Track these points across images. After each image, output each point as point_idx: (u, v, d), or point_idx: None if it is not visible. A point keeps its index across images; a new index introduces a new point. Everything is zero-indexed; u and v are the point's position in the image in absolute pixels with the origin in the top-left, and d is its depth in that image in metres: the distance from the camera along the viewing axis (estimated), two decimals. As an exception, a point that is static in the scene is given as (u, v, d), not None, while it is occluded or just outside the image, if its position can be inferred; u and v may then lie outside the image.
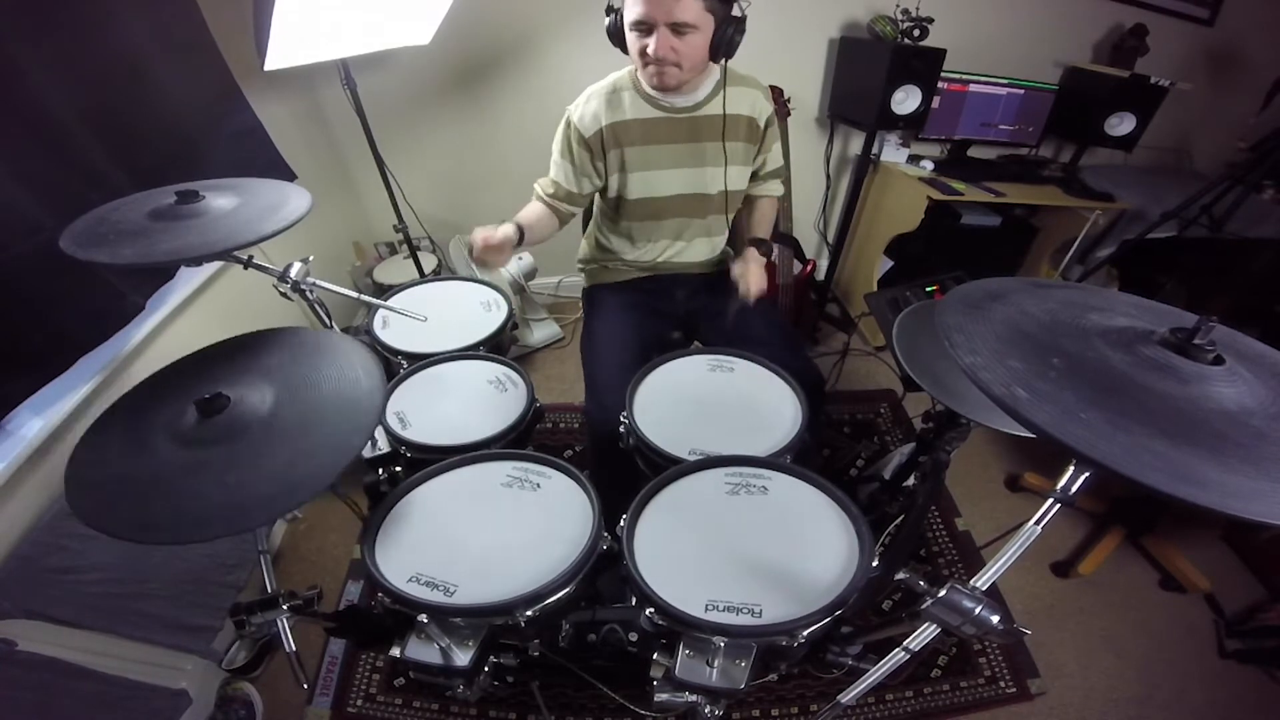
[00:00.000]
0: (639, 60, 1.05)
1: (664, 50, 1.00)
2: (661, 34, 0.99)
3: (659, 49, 1.00)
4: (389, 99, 1.93)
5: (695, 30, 1.00)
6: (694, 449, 0.97)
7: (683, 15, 0.97)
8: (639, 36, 1.02)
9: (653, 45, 1.00)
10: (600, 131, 1.17)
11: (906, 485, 1.41)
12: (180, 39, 1.36)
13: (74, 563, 1.03)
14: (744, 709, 1.30)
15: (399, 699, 1.30)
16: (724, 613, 0.74)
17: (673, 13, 0.96)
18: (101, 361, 1.16)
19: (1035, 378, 0.52)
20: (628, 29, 1.02)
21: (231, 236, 0.83)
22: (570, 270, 1.48)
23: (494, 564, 0.83)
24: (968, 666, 1.39)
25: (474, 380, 1.18)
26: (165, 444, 0.67)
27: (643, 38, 1.01)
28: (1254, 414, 0.50)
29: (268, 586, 0.75)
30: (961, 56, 1.92)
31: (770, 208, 1.42)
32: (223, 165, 1.45)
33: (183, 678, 1.11)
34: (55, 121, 1.06)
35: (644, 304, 1.38)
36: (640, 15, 0.97)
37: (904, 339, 1.07)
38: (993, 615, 0.57)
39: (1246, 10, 2.13)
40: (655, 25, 0.98)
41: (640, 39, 1.01)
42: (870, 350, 2.35)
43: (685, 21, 0.98)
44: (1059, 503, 0.54)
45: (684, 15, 0.97)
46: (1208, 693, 1.38)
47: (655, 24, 0.98)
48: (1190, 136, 2.45)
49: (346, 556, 1.57)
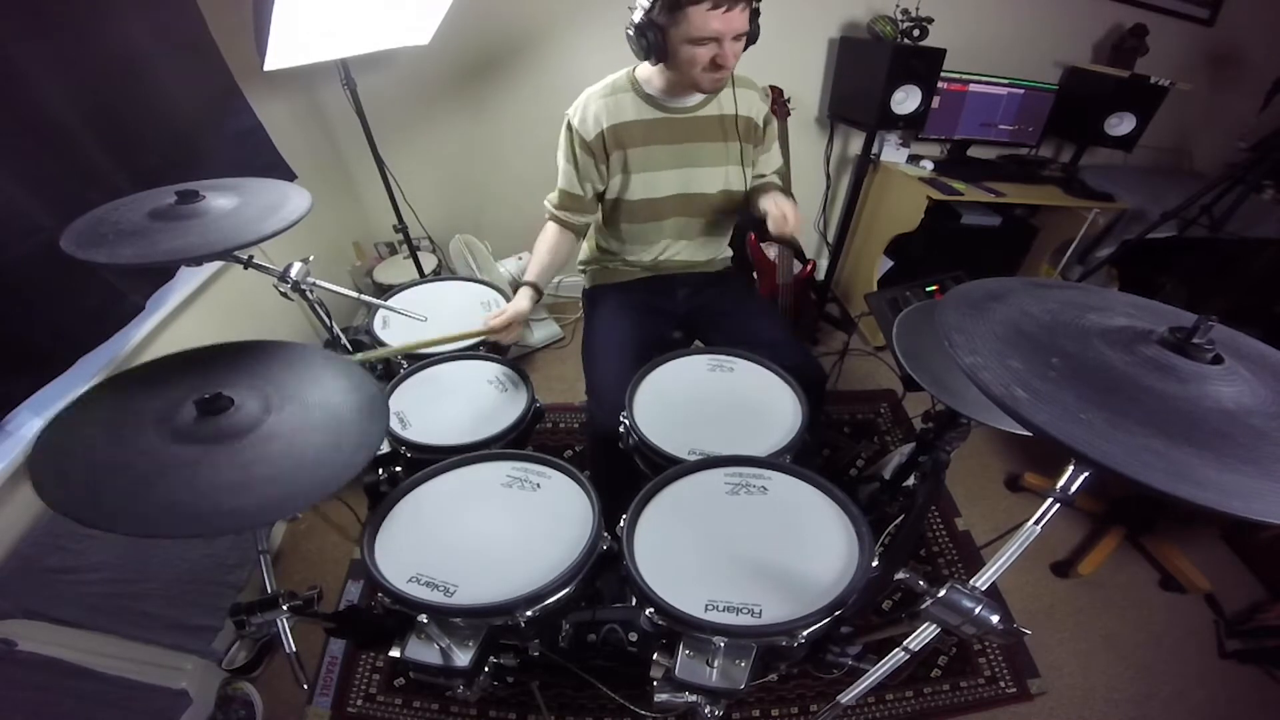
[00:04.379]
0: (699, 68, 1.07)
1: (731, 59, 1.06)
2: (730, 45, 1.04)
3: (732, 59, 1.06)
4: (389, 99, 1.93)
5: (744, 36, 1.06)
6: (694, 449, 0.97)
7: (743, 26, 1.04)
8: (705, 48, 1.05)
9: (725, 56, 1.05)
10: (602, 134, 1.18)
11: (906, 485, 1.41)
12: (180, 39, 1.36)
13: (74, 563, 1.03)
14: (744, 709, 1.30)
15: (399, 699, 1.30)
16: (724, 613, 0.74)
17: (738, 25, 1.03)
18: (101, 361, 1.16)
19: (1035, 378, 0.52)
20: (688, 42, 1.04)
21: (231, 236, 0.84)
22: (570, 270, 1.48)
23: (494, 564, 0.83)
24: (968, 666, 1.39)
25: (474, 380, 1.18)
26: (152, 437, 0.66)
27: (709, 49, 1.05)
28: (1254, 413, 0.50)
29: (268, 586, 0.75)
30: (961, 56, 1.92)
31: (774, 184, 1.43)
32: (223, 165, 1.45)
33: (183, 678, 1.11)
34: (55, 121, 1.06)
35: (645, 304, 1.38)
36: (716, 31, 1.02)
37: (904, 339, 1.07)
38: (993, 615, 0.57)
39: (1246, 10, 2.13)
40: (724, 38, 1.03)
41: (707, 50, 1.05)
42: (870, 350, 2.35)
43: (744, 31, 1.05)
44: (1059, 502, 0.54)
45: (743, 26, 1.04)
46: (1208, 693, 1.38)
47: (724, 37, 1.03)
48: (1190, 136, 2.45)
49: (346, 556, 1.57)
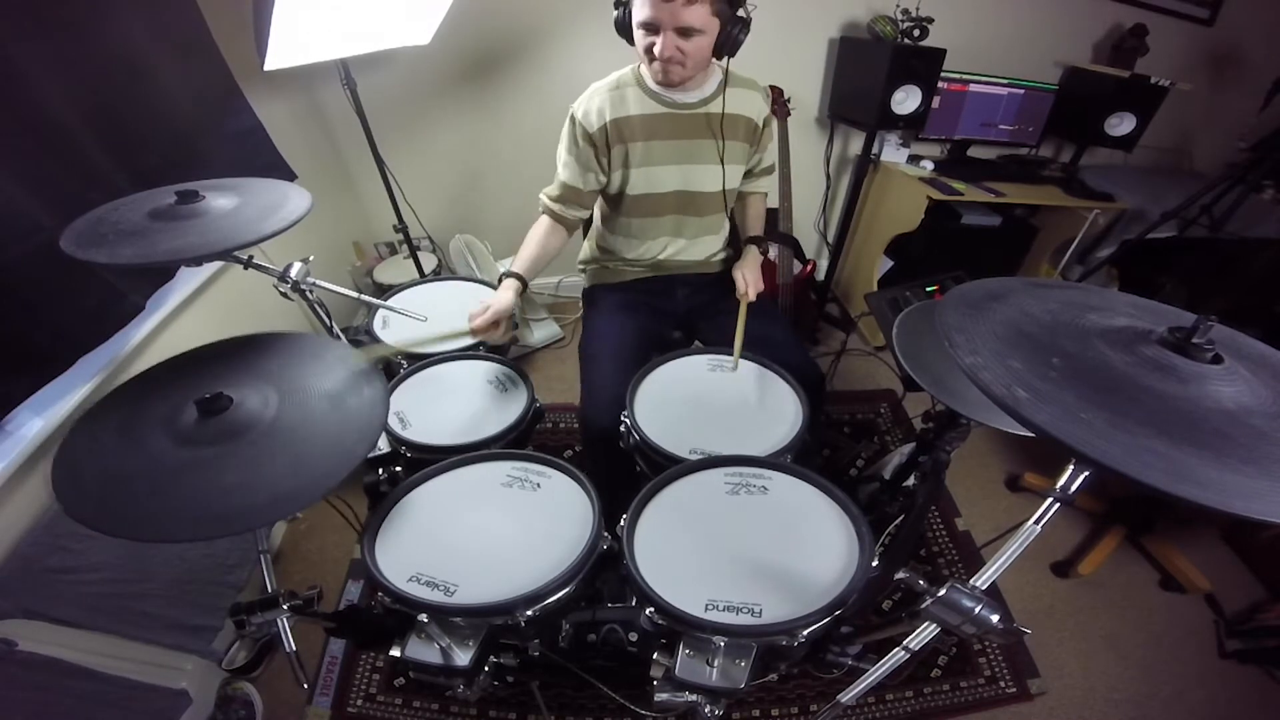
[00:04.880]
0: (645, 56, 1.07)
1: (669, 52, 1.03)
2: (667, 37, 1.02)
3: (664, 50, 1.03)
4: (389, 99, 1.93)
5: (701, 34, 1.02)
6: (694, 449, 0.97)
7: (689, 20, 0.99)
8: (646, 34, 1.04)
9: (659, 46, 1.03)
10: (605, 127, 1.18)
11: (906, 485, 1.41)
12: (180, 39, 1.36)
13: (74, 563, 1.03)
14: (744, 709, 1.30)
15: (399, 699, 1.30)
16: (724, 613, 0.74)
17: (680, 18, 0.99)
18: (101, 361, 1.16)
19: (1035, 378, 0.52)
20: (635, 25, 1.03)
21: (231, 236, 0.83)
22: (570, 270, 1.48)
23: (494, 564, 0.83)
24: (968, 666, 1.39)
25: (474, 380, 1.18)
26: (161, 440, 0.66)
27: (649, 36, 1.03)
28: (1254, 413, 0.50)
29: (268, 586, 0.75)
30: (961, 56, 1.92)
31: (761, 204, 1.46)
32: (223, 165, 1.45)
33: (183, 678, 1.11)
34: (55, 121, 1.06)
35: (644, 304, 1.38)
36: (647, 18, 0.99)
37: (904, 339, 1.07)
38: (993, 615, 0.57)
39: (1246, 10, 2.13)
40: (662, 28, 1.00)
41: (647, 37, 1.04)
42: (870, 350, 2.35)
43: (692, 26, 1.00)
44: (1059, 502, 0.54)
45: (691, 20, 0.99)
46: (1208, 693, 1.38)
47: (662, 27, 1.00)
48: (1190, 136, 2.45)
49: (346, 556, 1.57)
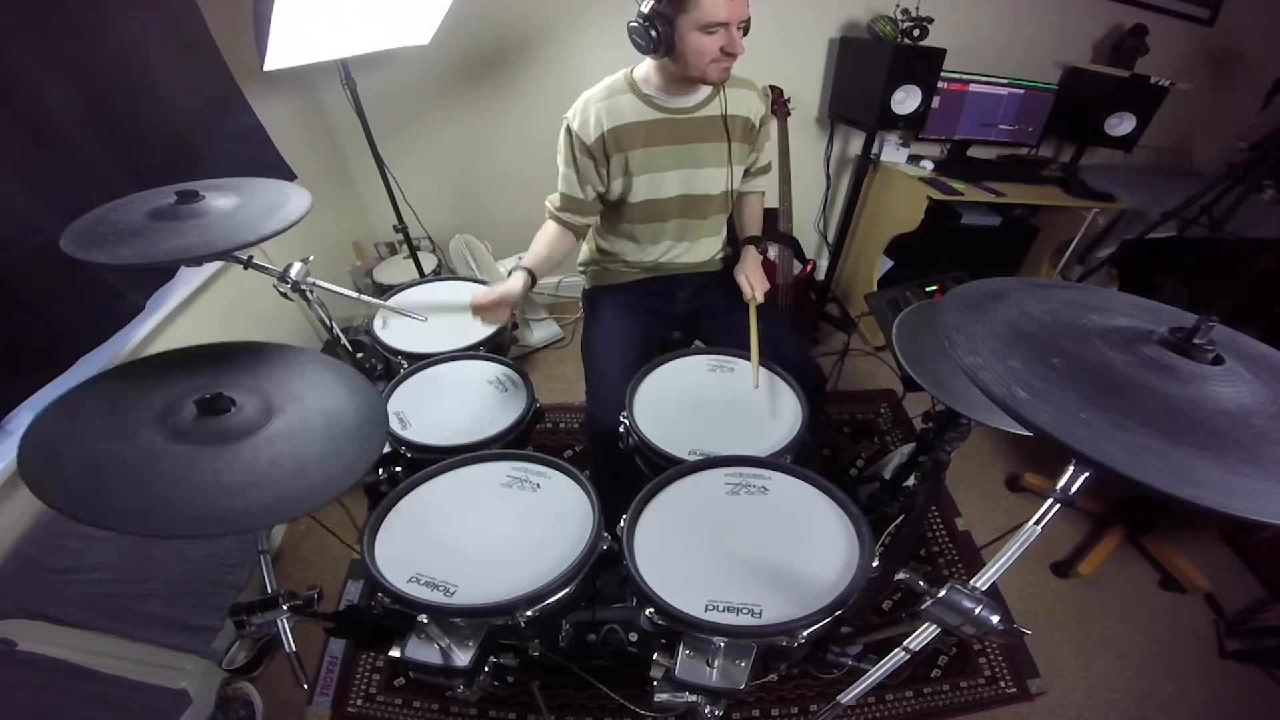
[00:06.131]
0: (708, 57, 1.08)
1: (740, 46, 1.08)
2: (736, 32, 1.06)
3: (738, 46, 1.07)
4: (389, 99, 1.93)
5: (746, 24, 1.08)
6: (694, 449, 0.97)
7: (746, 13, 1.06)
8: (714, 37, 1.06)
9: (734, 44, 1.07)
10: (602, 137, 1.17)
11: (906, 485, 1.41)
12: (180, 39, 1.36)
13: (74, 562, 1.03)
14: (744, 709, 1.30)
15: (399, 699, 1.30)
16: (724, 613, 0.74)
17: (744, 11, 1.05)
18: (101, 361, 1.16)
19: (1035, 378, 0.52)
20: (696, 30, 1.05)
21: (231, 236, 0.84)
22: (570, 270, 1.48)
23: (494, 564, 0.83)
24: (968, 666, 1.39)
25: (474, 380, 1.18)
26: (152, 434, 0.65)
27: (719, 37, 1.06)
28: (1254, 414, 0.50)
29: (268, 586, 0.75)
30: (961, 56, 1.92)
31: (758, 203, 1.46)
32: (223, 165, 1.45)
33: (183, 678, 1.11)
34: (55, 121, 1.06)
35: (645, 305, 1.38)
36: (725, 17, 1.03)
37: (904, 339, 1.07)
38: (993, 615, 0.57)
39: (1246, 10, 2.13)
40: (731, 25, 1.05)
41: (716, 38, 1.06)
42: (870, 350, 2.35)
43: (747, 18, 1.07)
44: (1059, 502, 0.54)
45: (747, 12, 1.06)
46: (1208, 693, 1.38)
47: (732, 24, 1.05)
48: (1190, 136, 2.45)
49: (346, 556, 1.56)
